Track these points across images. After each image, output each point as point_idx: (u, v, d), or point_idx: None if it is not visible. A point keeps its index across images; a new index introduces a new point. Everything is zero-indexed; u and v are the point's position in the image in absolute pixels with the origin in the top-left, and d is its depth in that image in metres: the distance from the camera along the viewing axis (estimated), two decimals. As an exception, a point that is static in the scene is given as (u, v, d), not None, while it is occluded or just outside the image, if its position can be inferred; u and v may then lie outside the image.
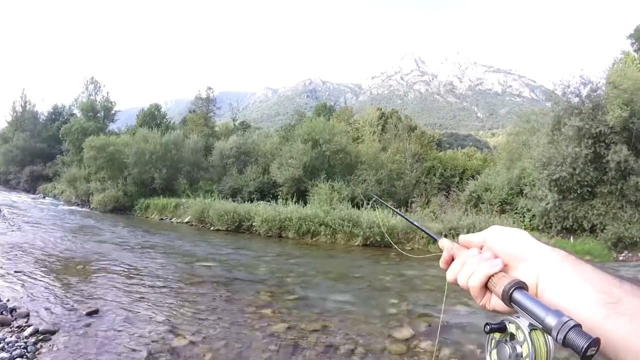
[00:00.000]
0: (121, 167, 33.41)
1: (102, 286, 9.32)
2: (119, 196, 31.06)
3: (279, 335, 6.60)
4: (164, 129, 41.17)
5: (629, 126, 16.90)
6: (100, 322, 6.93)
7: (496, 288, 0.82)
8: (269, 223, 19.49)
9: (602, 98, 17.86)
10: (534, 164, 19.46)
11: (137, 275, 10.59)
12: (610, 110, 16.78)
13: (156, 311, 7.61)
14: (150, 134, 34.37)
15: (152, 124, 43.72)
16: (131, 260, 12.61)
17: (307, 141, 28.01)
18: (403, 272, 12.41)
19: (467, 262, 0.91)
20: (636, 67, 20.92)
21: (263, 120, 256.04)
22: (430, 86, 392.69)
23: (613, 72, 18.76)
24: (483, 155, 45.90)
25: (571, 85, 19.29)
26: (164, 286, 9.54)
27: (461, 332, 7.12)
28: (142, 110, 52.73)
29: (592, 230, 17.28)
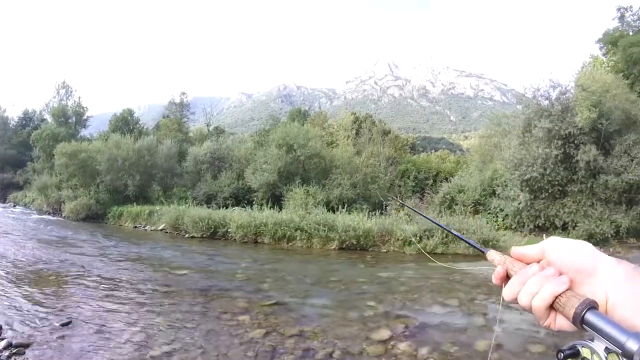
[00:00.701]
0: (93, 174, 32.79)
1: (76, 297, 9.18)
2: (91, 204, 30.42)
3: (257, 341, 6.61)
4: (137, 135, 40.60)
5: (597, 127, 17.48)
6: (74, 333, 6.84)
7: (565, 309, 0.74)
8: (244, 229, 19.39)
9: (571, 100, 18.46)
10: (506, 165, 19.94)
11: (111, 284, 10.45)
12: (579, 112, 17.34)
13: (131, 321, 7.53)
14: (122, 140, 33.75)
15: (124, 130, 43.16)
16: (105, 269, 12.45)
17: (282, 146, 27.99)
18: (379, 275, 12.52)
19: (529, 280, 0.82)
20: (604, 71, 21.57)
21: (237, 126, 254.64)
22: (404, 90, 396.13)
23: (582, 75, 19.37)
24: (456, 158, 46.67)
25: (541, 89, 20.02)
26: (139, 295, 9.44)
27: (438, 332, 7.25)
28: (114, 116, 52.24)
29: (564, 227, 17.80)
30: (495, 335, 6.77)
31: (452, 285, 11.16)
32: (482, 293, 10.14)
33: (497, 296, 9.55)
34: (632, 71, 23.71)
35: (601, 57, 28.90)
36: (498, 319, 7.12)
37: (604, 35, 26.78)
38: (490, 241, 16.19)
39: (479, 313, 8.43)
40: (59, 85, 53.57)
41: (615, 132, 17.91)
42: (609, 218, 16.75)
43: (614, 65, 25.47)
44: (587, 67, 24.00)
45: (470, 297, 9.72)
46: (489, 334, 7.18)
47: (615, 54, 25.83)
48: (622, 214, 16.79)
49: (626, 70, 23.58)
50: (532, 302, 0.80)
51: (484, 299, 9.56)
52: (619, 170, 16.94)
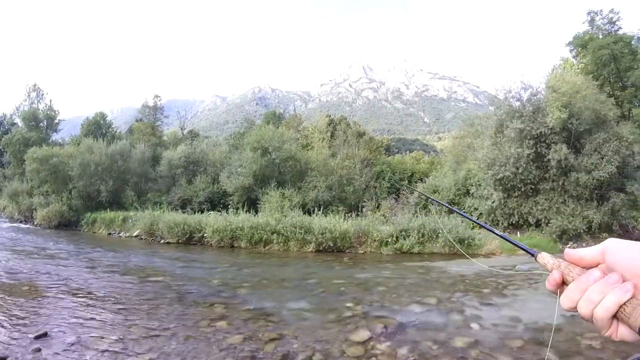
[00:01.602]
0: (65, 179, 32.08)
1: (51, 307, 8.95)
2: (63, 211, 29.84)
3: (236, 347, 6.53)
4: (110, 139, 39.86)
5: (567, 127, 17.92)
6: (50, 345, 6.65)
7: (631, 319, 0.69)
8: (220, 233, 19.23)
9: (542, 101, 18.92)
10: (479, 165, 20.25)
11: (86, 294, 10.22)
12: (550, 113, 17.78)
13: (108, 330, 7.37)
14: (95, 145, 33.06)
15: (97, 134, 42.53)
16: (79, 278, 12.17)
17: (257, 149, 27.88)
18: (357, 276, 12.54)
19: (591, 287, 0.76)
20: (575, 72, 22.10)
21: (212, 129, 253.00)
22: (378, 93, 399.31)
23: (552, 77, 19.78)
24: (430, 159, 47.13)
25: (513, 90, 20.52)
26: (115, 304, 9.24)
27: (417, 331, 7.28)
28: (86, 120, 51.11)
29: (538, 224, 18.17)
30: (550, 344, 6.70)
31: (429, 285, 11.23)
32: (458, 291, 10.25)
33: (473, 294, 9.69)
34: (601, 73, 24.46)
35: (571, 60, 29.68)
36: (554, 326, 7.12)
37: (575, 39, 27.48)
38: (465, 239, 16.41)
39: (457, 311, 8.50)
40: (29, 88, 52.16)
41: (586, 132, 18.35)
42: (580, 214, 17.14)
43: (584, 67, 26.17)
44: (558, 69, 24.60)
45: (448, 296, 9.80)
46: (467, 331, 7.24)
47: (585, 57, 26.52)
48: (594, 210, 17.19)
49: (596, 72, 24.32)
50: (594, 312, 0.75)
51: (461, 296, 9.66)
52: (590, 168, 17.35)
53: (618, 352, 6.19)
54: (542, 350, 6.31)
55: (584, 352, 6.26)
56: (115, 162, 32.36)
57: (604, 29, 26.08)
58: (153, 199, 30.48)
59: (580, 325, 7.51)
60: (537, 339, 6.80)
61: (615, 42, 23.94)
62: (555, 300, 0.82)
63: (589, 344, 6.55)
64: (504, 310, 8.50)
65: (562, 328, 7.35)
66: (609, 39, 24.44)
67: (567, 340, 6.81)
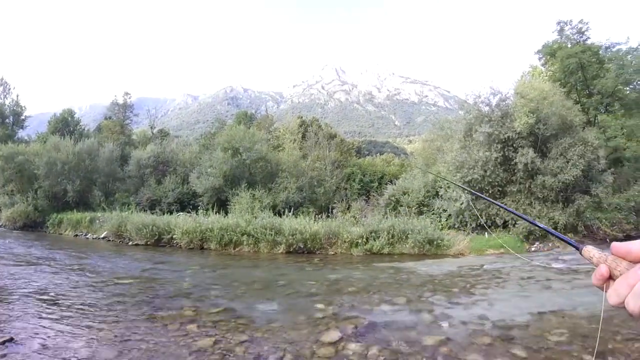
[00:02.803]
0: (31, 179, 31.16)
1: (16, 312, 8.62)
2: (29, 211, 28.96)
3: (206, 350, 6.43)
4: (78, 137, 38.99)
5: (534, 131, 18.39)
6: (16, 351, 6.41)
7: None
8: (189, 235, 18.98)
9: (511, 107, 19.41)
10: (448, 167, 20.59)
11: (52, 297, 9.90)
12: (517, 118, 18.26)
13: (75, 335, 7.15)
14: (62, 143, 32.22)
15: (65, 131, 41.43)
16: (45, 281, 11.81)
17: (227, 150, 27.72)
18: (327, 277, 12.54)
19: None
20: (543, 80, 22.70)
21: (183, 128, 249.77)
22: (350, 95, 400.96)
23: (521, 84, 20.28)
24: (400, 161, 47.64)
25: (482, 96, 21.05)
26: (82, 308, 8.98)
27: (387, 330, 7.30)
28: (54, 116, 49.76)
29: (505, 225, 18.56)
30: (598, 340, 6.69)
31: (399, 285, 11.31)
32: (428, 290, 10.34)
33: (442, 293, 9.81)
34: (569, 80, 25.20)
35: (540, 67, 30.57)
36: (601, 322, 7.16)
37: (544, 47, 28.20)
38: (434, 240, 16.64)
39: (426, 310, 8.57)
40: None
41: (552, 136, 18.85)
42: (547, 215, 17.59)
43: (552, 74, 26.94)
44: (527, 76, 25.31)
45: (417, 295, 9.88)
46: (437, 330, 7.31)
47: (553, 65, 27.29)
48: (560, 211, 17.65)
49: (563, 80, 25.07)
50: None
51: (430, 296, 9.75)
52: (556, 171, 17.81)
53: (586, 346, 6.35)
54: (510, 346, 6.41)
55: (552, 348, 6.38)
56: (82, 161, 31.59)
57: (573, 38, 26.85)
58: (121, 200, 29.93)
59: (548, 322, 7.69)
60: (505, 336, 6.92)
61: (584, 52, 24.68)
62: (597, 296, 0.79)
63: (558, 339, 6.70)
64: (472, 308, 8.62)
65: (529, 325, 7.51)
66: (577, 48, 25.16)
67: (535, 336, 6.94)
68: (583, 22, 26.64)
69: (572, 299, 9.25)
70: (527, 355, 6.08)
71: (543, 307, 8.54)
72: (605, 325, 7.35)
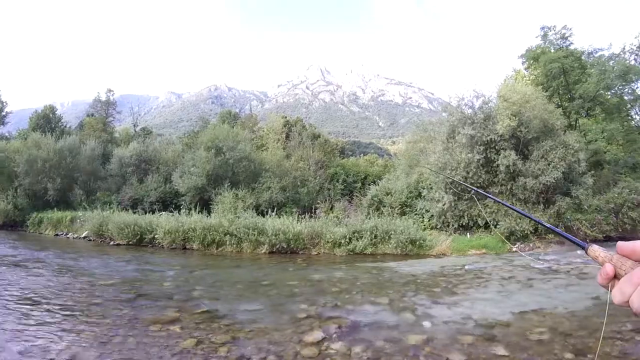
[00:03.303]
0: (11, 176, 30.62)
1: (-8, 313, 8.46)
2: (8, 210, 28.37)
3: (189, 351, 6.37)
4: (59, 134, 38.48)
5: (516, 134, 18.63)
6: (-4, 355, 6.28)
7: None
8: (172, 235, 18.80)
9: (493, 110, 19.65)
10: (431, 168, 20.68)
11: (33, 299, 9.69)
12: (500, 121, 18.48)
13: (56, 338, 7.00)
14: (43, 140, 31.67)
15: (46, 128, 40.89)
16: (25, 283, 11.58)
17: (211, 149, 27.60)
18: (310, 277, 12.53)
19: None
20: (525, 83, 23.04)
21: (166, 127, 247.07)
22: (335, 96, 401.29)
23: (504, 87, 20.54)
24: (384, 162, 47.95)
25: (465, 98, 21.36)
26: (63, 309, 8.81)
27: (370, 330, 7.32)
28: (35, 113, 49.20)
29: (487, 226, 18.75)
30: (601, 338, 6.68)
31: (381, 284, 11.36)
32: (410, 290, 10.39)
33: (425, 293, 9.87)
34: (551, 84, 25.68)
35: (523, 71, 31.12)
36: (605, 318, 7.21)
37: (527, 51, 28.66)
38: (417, 240, 16.75)
39: (409, 309, 8.62)
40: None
41: (534, 139, 19.12)
42: (527, 216, 17.79)
43: (535, 78, 27.44)
44: (510, 80, 25.67)
45: (400, 295, 9.92)
46: (419, 329, 7.34)
47: (536, 69, 27.74)
48: (540, 212, 17.90)
49: (546, 84, 25.55)
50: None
51: (413, 295, 9.79)
52: (537, 173, 18.05)
53: (567, 345, 6.44)
54: (492, 345, 6.47)
55: (533, 347, 6.45)
56: (63, 159, 31.09)
57: (556, 43, 27.32)
58: (102, 199, 29.55)
59: (530, 321, 7.79)
60: (487, 335, 7.00)
61: (566, 57, 25.14)
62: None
63: (539, 338, 6.78)
64: (454, 308, 8.69)
65: (511, 324, 7.59)
66: (560, 53, 25.60)
67: (517, 334, 7.02)
68: (567, 27, 27.14)
69: (552, 298, 9.38)
70: (508, 354, 6.14)
71: (524, 306, 8.64)
72: (586, 323, 7.48)
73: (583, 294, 9.72)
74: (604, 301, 8.92)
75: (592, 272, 12.12)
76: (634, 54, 27.15)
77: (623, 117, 27.21)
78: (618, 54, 26.74)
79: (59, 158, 30.81)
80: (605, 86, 24.21)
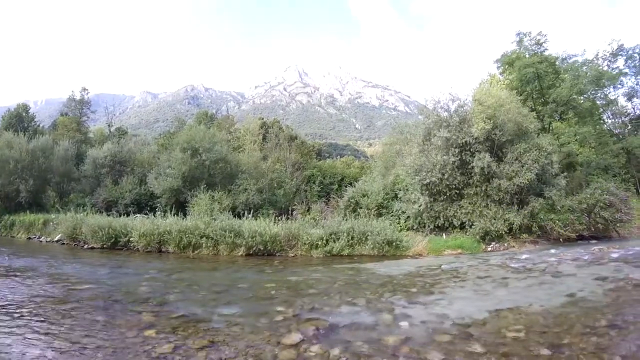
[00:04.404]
0: (-18, 178, 29.69)
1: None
2: (-21, 213, 27.51)
3: (166, 356, 6.27)
4: (32, 134, 37.64)
5: (491, 137, 18.92)
6: (-34, 363, 6.08)
7: None
8: (147, 237, 18.54)
9: (468, 113, 19.95)
10: (407, 170, 20.96)
11: (3, 305, 9.42)
12: (475, 124, 18.76)
13: (29, 345, 6.81)
14: (15, 140, 30.93)
15: (18, 128, 39.92)
16: (-5, 287, 11.26)
17: (187, 150, 27.33)
18: (288, 279, 12.51)
19: None
20: (500, 87, 23.44)
21: (141, 127, 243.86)
22: (312, 98, 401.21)
23: (479, 91, 20.80)
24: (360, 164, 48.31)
25: (441, 101, 21.73)
26: (36, 315, 8.58)
27: (348, 331, 7.33)
28: (7, 111, 48.16)
29: (462, 227, 19.03)
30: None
31: (359, 286, 11.39)
32: (388, 291, 10.43)
33: (402, 293, 9.93)
34: (525, 89, 26.32)
35: (498, 76, 31.76)
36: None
37: (502, 57, 29.24)
38: (393, 241, 16.86)
39: (387, 310, 8.65)
40: (-56, 74, 47.96)
41: (508, 142, 19.43)
42: (502, 217, 18.08)
43: (510, 83, 28.04)
44: (485, 84, 26.01)
45: (377, 296, 9.95)
46: (397, 329, 7.38)
47: (511, 73, 28.37)
48: (514, 213, 18.16)
49: (520, 88, 26.14)
50: None
51: (390, 296, 9.83)
52: (511, 175, 18.33)
53: (542, 342, 6.54)
54: (469, 343, 6.54)
55: (510, 343, 6.53)
56: (36, 160, 30.38)
57: (531, 49, 27.96)
58: (76, 201, 29.11)
59: (505, 318, 7.90)
60: (464, 333, 7.07)
61: (541, 62, 25.74)
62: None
63: (515, 335, 6.88)
64: (431, 307, 8.75)
65: (487, 322, 7.68)
66: (534, 58, 26.19)
67: (493, 332, 7.11)
68: (542, 34, 27.84)
69: (527, 296, 9.51)
70: (485, 351, 6.22)
71: (500, 305, 8.75)
72: (561, 320, 7.62)
73: (557, 291, 9.89)
74: (578, 298, 9.14)
75: (566, 270, 12.39)
76: (607, 60, 28.01)
77: (595, 120, 27.99)
78: (591, 60, 27.50)
79: (31, 159, 30.12)
80: (578, 91, 24.85)
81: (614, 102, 28.39)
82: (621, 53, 27.92)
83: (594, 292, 9.66)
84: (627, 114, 29.24)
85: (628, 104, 29.12)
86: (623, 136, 28.14)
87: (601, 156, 26.57)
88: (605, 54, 27.99)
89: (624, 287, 10.09)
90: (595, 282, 10.58)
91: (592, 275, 11.38)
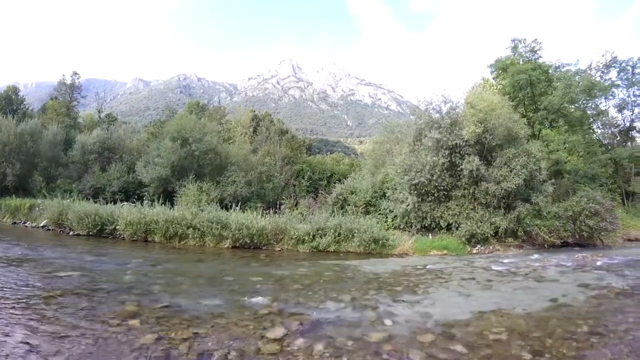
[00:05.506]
0: (-32, 161, 29.17)
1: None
2: (-35, 197, 27.02)
3: (149, 347, 6.25)
4: (21, 117, 37.16)
5: (481, 140, 19.03)
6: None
7: None
8: (133, 226, 18.38)
9: (460, 115, 20.06)
10: (396, 170, 21.02)
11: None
12: (466, 126, 18.88)
13: (11, 331, 6.75)
14: (4, 122, 30.38)
15: (7, 110, 39.46)
16: (-24, 272, 11.11)
17: (176, 139, 27.16)
18: (273, 273, 12.53)
19: None
20: (492, 92, 23.56)
21: (132, 114, 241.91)
22: (305, 93, 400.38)
23: (472, 94, 20.92)
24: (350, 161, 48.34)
25: (434, 103, 21.91)
26: (19, 301, 8.48)
27: (332, 327, 7.38)
28: (-3, 93, 47.13)
29: (449, 228, 19.14)
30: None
31: (344, 282, 11.44)
32: (372, 289, 10.49)
33: (387, 291, 9.98)
34: (517, 95, 26.50)
35: (491, 80, 31.91)
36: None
37: (496, 62, 29.32)
38: (380, 240, 16.91)
39: (371, 307, 8.70)
40: None
41: (497, 146, 19.55)
42: (489, 220, 18.22)
43: (502, 88, 28.22)
44: (478, 88, 26.14)
45: (362, 293, 10.01)
46: (381, 327, 7.44)
47: (504, 79, 28.50)
48: (501, 217, 18.31)
49: (512, 94, 26.31)
50: None
51: (375, 294, 9.89)
52: (499, 179, 18.45)
53: (524, 345, 6.62)
54: (452, 343, 6.63)
55: (492, 345, 6.62)
56: (24, 143, 29.87)
57: (525, 56, 28.11)
58: (63, 186, 28.77)
59: (487, 320, 7.98)
60: (447, 333, 7.14)
61: (534, 69, 25.90)
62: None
63: (497, 337, 6.96)
64: (415, 307, 8.82)
65: (470, 323, 7.76)
66: (528, 65, 26.35)
67: (476, 334, 7.19)
68: (537, 41, 27.97)
69: (511, 299, 9.61)
70: (467, 352, 6.30)
71: (483, 307, 8.84)
72: (543, 325, 7.71)
73: (540, 296, 10.00)
74: (561, 304, 9.25)
75: (550, 276, 12.53)
76: (599, 71, 28.23)
77: (585, 130, 28.21)
78: (584, 70, 27.71)
79: (19, 142, 29.65)
80: (569, 100, 25.02)
81: (605, 113, 28.61)
82: (614, 65, 28.13)
83: (577, 298, 9.79)
84: (617, 125, 29.46)
85: (618, 115, 29.32)
86: (612, 147, 28.37)
87: (589, 165, 26.80)
88: (598, 64, 28.22)
89: (607, 295, 10.24)
90: (578, 289, 10.72)
91: (575, 282, 11.53)
